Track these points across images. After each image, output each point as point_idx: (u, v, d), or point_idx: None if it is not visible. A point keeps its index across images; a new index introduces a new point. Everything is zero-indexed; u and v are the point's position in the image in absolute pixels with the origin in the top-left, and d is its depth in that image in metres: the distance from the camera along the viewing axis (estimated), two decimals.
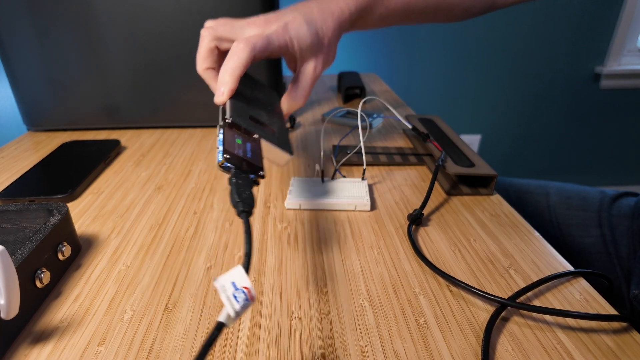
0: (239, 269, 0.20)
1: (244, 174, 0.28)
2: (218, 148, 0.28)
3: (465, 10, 0.51)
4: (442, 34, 1.53)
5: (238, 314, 0.18)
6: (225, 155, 0.27)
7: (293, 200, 0.42)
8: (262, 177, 0.29)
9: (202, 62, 0.39)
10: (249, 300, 0.19)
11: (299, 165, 0.53)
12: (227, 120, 0.31)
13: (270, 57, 0.37)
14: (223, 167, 0.27)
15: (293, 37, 0.36)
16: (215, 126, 0.67)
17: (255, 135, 0.32)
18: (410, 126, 0.54)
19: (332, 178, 0.47)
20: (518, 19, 1.56)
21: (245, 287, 0.19)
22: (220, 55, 0.39)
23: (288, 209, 0.42)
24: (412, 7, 0.47)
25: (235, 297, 0.19)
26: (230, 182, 0.26)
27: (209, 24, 0.39)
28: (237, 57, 0.33)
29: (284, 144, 0.35)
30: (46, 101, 0.63)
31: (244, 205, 0.25)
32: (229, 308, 0.18)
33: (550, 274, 0.33)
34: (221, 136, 0.29)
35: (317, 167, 0.51)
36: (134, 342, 0.27)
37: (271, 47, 0.35)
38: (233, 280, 0.19)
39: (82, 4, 0.56)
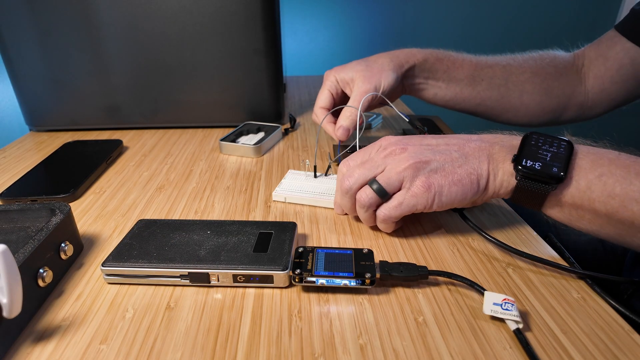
0: None
1: None
2: None
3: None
4: (441, 33, 1.53)
5: None
6: None
7: (280, 192, 0.44)
8: None
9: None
10: None
11: (299, 164, 0.53)
12: None
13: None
14: None
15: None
16: (216, 126, 0.67)
17: None
18: (407, 119, 0.54)
19: (326, 174, 0.47)
20: (517, 20, 1.56)
21: None
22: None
23: (275, 201, 0.44)
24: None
25: None
26: None
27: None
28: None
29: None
30: (48, 101, 0.63)
31: None
32: None
33: (548, 273, 0.33)
34: None
35: (307, 162, 0.52)
36: (136, 340, 0.27)
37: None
38: None
39: (84, 4, 0.56)
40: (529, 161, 0.32)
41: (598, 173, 0.30)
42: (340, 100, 0.54)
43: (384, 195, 0.35)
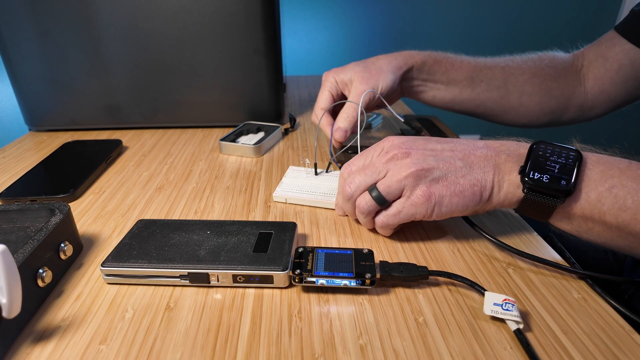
0: None
1: None
2: None
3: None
4: (441, 34, 1.53)
5: None
6: None
7: (280, 193, 0.44)
8: None
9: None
10: None
11: (299, 164, 0.53)
12: None
13: None
14: None
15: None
16: (216, 126, 0.67)
17: None
18: (402, 119, 0.55)
19: (327, 170, 0.47)
20: (517, 21, 1.56)
21: None
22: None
23: (276, 201, 0.44)
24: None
25: None
26: None
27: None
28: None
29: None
30: (48, 101, 0.63)
31: None
32: None
33: (549, 274, 0.33)
34: None
35: (307, 160, 0.52)
36: (135, 340, 0.27)
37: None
38: None
39: (84, 4, 0.56)
40: (536, 173, 0.31)
41: (609, 185, 0.30)
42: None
43: (382, 203, 0.34)
